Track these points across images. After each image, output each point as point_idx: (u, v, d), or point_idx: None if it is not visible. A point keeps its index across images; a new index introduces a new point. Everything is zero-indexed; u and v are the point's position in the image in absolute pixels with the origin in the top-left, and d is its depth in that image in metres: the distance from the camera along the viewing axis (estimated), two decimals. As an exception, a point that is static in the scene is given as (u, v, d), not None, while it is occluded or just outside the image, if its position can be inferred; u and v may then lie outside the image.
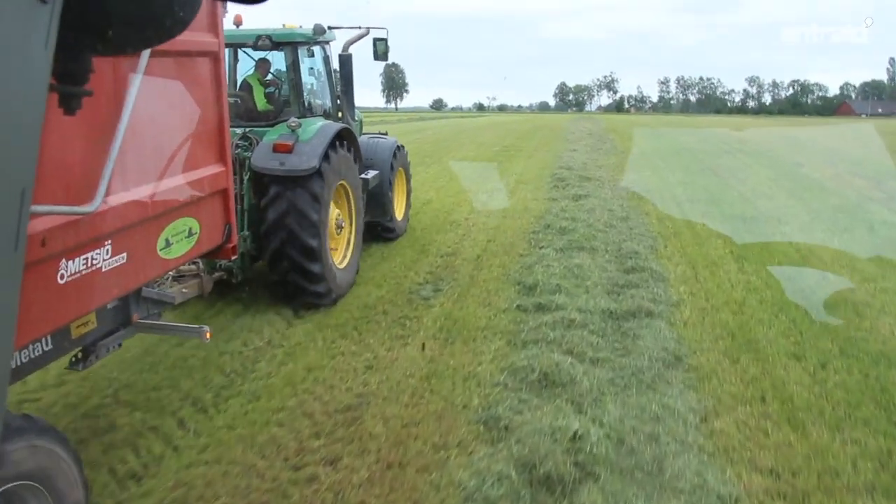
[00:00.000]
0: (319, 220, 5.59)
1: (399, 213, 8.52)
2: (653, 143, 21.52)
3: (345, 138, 6.25)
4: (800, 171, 14.32)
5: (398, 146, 8.39)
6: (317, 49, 6.88)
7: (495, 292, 6.17)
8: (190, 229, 3.45)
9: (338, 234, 6.27)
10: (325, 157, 5.69)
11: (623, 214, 9.32)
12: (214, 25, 3.72)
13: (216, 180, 3.72)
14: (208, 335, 3.78)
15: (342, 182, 6.23)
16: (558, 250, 7.29)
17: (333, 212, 6.09)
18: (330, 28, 7.10)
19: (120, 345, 3.56)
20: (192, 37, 3.39)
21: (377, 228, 8.05)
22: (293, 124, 5.74)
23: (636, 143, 21.97)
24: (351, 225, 6.58)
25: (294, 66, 6.45)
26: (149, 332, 3.95)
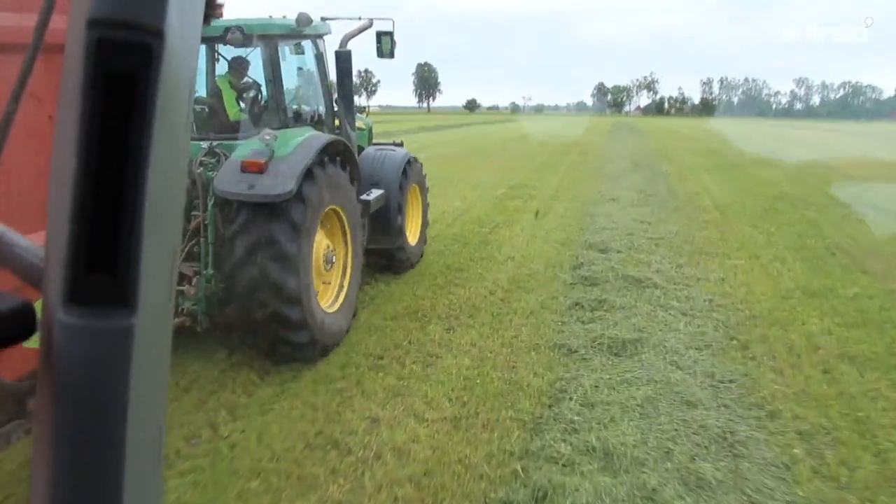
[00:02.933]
0: (299, 255, 5.07)
1: (412, 237, 8.14)
2: (727, 186, 16.51)
3: (337, 152, 5.90)
4: None
5: (410, 159, 7.92)
6: (307, 45, 6.52)
7: None
8: None
9: (327, 270, 5.81)
10: (308, 177, 5.19)
11: (721, 423, 4.55)
12: None
13: None
14: None
15: (333, 207, 5.75)
16: None
17: (321, 243, 5.66)
18: (324, 19, 6.70)
19: (29, 430, 3.23)
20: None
21: (386, 257, 7.73)
22: (267, 137, 5.23)
23: (703, 183, 16.99)
24: (346, 258, 6.16)
25: (272, 64, 5.95)
26: None
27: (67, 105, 0.47)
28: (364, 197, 6.78)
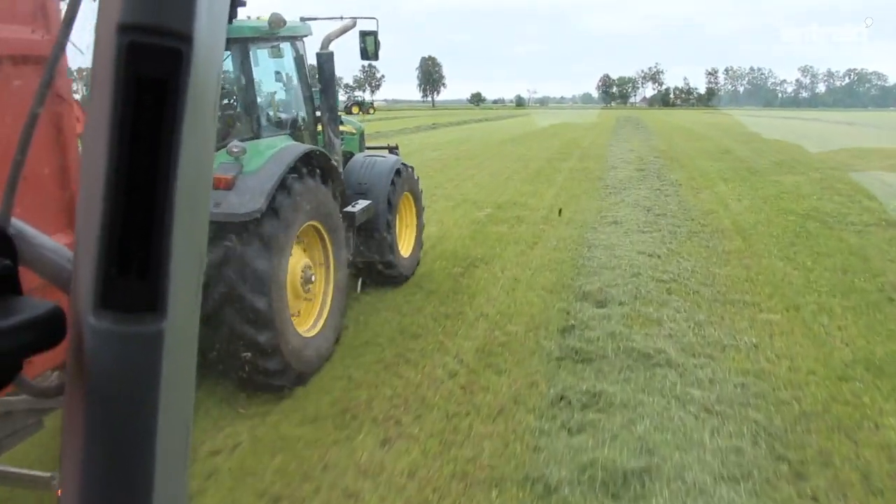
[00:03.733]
0: (270, 277, 4.79)
1: (405, 249, 7.97)
2: (748, 199, 14.67)
3: (315, 163, 5.57)
4: None
5: (401, 166, 7.63)
6: (286, 47, 6.22)
7: None
8: None
9: (305, 291, 5.47)
10: (281, 192, 4.92)
11: None
12: (44, 15, 2.77)
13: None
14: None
15: (311, 223, 5.44)
16: None
17: (298, 262, 5.36)
18: (303, 19, 6.56)
19: None
20: None
21: (375, 271, 7.40)
22: (235, 150, 4.97)
23: (719, 196, 15.17)
24: (327, 276, 5.81)
25: (244, 69, 5.62)
26: None
27: (97, 108, 0.47)
28: (349, 209, 6.53)
